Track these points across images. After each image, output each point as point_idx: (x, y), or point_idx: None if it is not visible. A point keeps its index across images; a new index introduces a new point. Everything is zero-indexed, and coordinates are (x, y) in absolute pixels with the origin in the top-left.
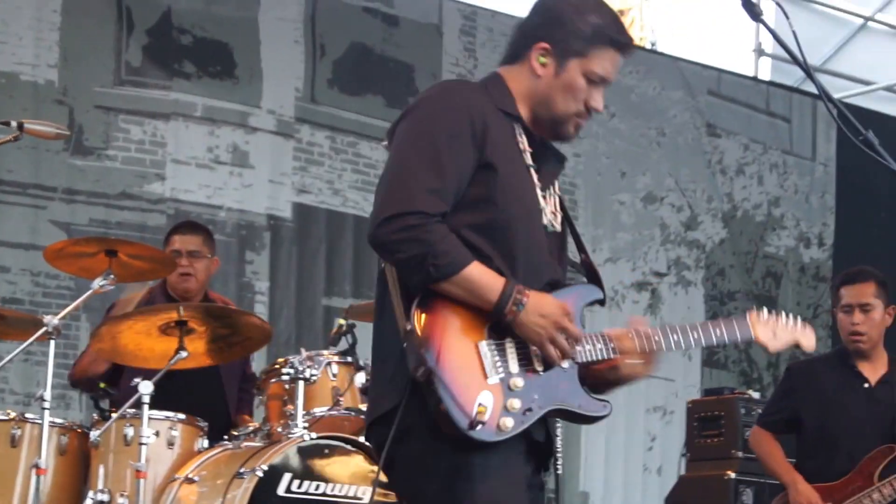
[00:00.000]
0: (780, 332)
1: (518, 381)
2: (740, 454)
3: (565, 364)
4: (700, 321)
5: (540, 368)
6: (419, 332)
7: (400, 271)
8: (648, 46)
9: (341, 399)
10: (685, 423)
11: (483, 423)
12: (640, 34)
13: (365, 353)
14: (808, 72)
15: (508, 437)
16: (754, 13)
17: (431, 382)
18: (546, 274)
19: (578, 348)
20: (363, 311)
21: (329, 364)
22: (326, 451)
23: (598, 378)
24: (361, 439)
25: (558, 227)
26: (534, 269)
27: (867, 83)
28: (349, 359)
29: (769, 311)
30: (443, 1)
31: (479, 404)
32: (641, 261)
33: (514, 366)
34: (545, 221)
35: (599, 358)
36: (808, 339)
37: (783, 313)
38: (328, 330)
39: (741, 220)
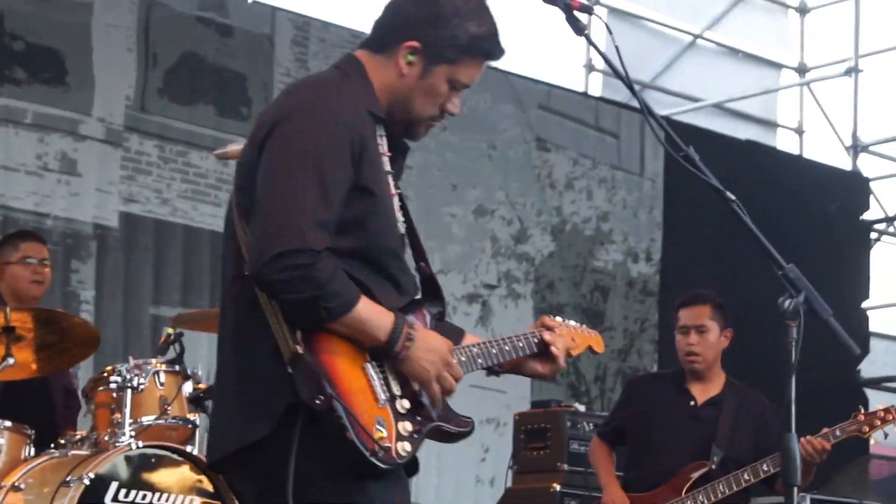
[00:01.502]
0: (577, 338)
1: (405, 403)
2: (566, 467)
3: None
4: (505, 336)
5: (416, 388)
6: (310, 357)
7: (289, 313)
8: None
9: (169, 408)
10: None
11: (387, 449)
12: None
13: (193, 362)
14: (631, 87)
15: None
16: (578, 28)
17: (333, 410)
18: (414, 290)
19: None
20: (191, 320)
21: (157, 373)
22: (153, 460)
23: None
24: (189, 449)
25: (402, 230)
26: (407, 288)
27: (696, 100)
28: (177, 368)
29: (562, 319)
30: (276, 11)
31: (377, 430)
32: (472, 273)
33: (395, 387)
34: (401, 231)
35: (485, 366)
36: (598, 344)
37: (571, 322)
38: (156, 339)
39: (570, 234)
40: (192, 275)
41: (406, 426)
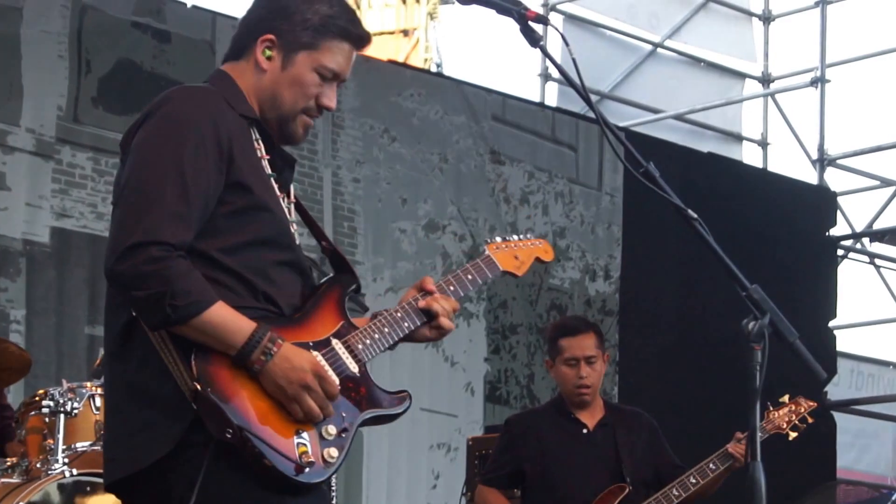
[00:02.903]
0: (520, 254)
1: None
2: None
3: (354, 368)
4: (453, 273)
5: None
6: (212, 392)
7: (137, 311)
8: (434, 69)
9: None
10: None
11: (311, 464)
12: (424, 55)
13: None
14: (588, 100)
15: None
16: (533, 39)
17: (246, 440)
18: (302, 287)
19: (360, 346)
20: None
21: (92, 396)
22: (88, 488)
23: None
24: None
25: (297, 240)
26: (291, 284)
27: (656, 111)
28: None
29: (502, 238)
30: (216, 16)
31: (299, 444)
32: None
33: None
34: (294, 229)
35: (387, 346)
36: (546, 252)
37: (515, 236)
38: (92, 360)
39: None
40: None
41: (329, 429)
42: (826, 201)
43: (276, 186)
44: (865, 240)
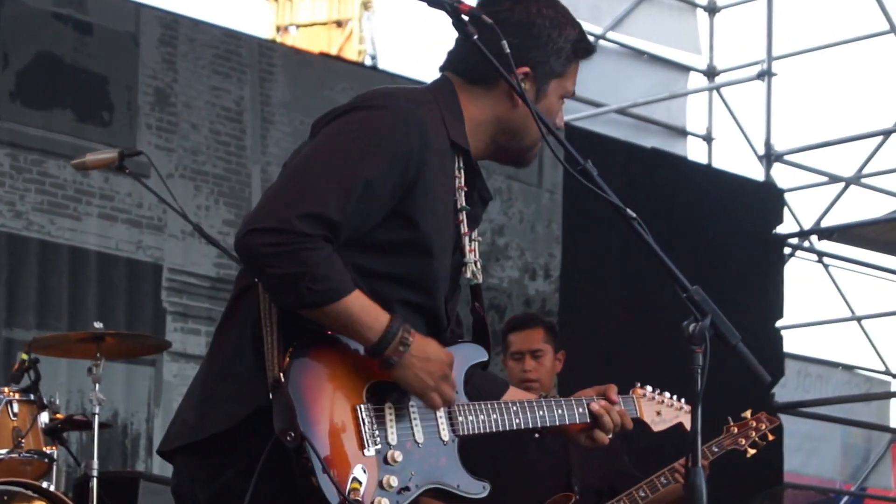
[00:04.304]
0: (664, 411)
1: (397, 455)
2: None
3: (446, 437)
4: (580, 396)
5: (420, 440)
6: (292, 389)
7: (268, 290)
8: (368, 61)
9: (23, 441)
10: None
11: (358, 503)
12: (358, 47)
13: (50, 391)
14: (523, 95)
15: None
16: (466, 33)
17: (303, 450)
18: (426, 333)
19: (461, 418)
20: (48, 345)
21: (10, 402)
22: (6, 497)
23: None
24: (45, 484)
25: (480, 278)
26: (412, 325)
27: (597, 105)
28: (32, 396)
29: (653, 389)
30: (140, 8)
31: (354, 479)
32: None
33: (392, 436)
34: (468, 274)
35: (497, 429)
36: (689, 421)
37: (667, 393)
38: (9, 365)
39: None
40: (50, 295)
41: (391, 480)
42: (773, 198)
43: (464, 221)
44: (813, 238)
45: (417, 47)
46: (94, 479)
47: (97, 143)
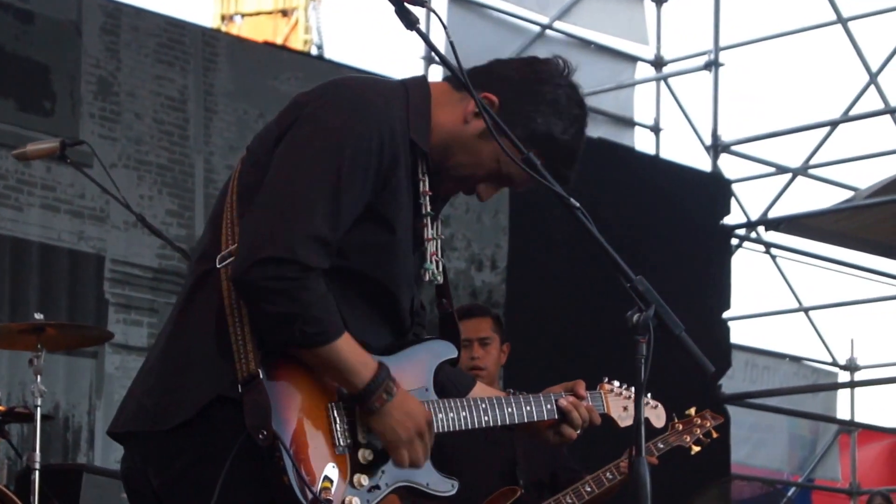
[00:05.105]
0: (631, 406)
1: (367, 454)
2: None
3: None
4: (548, 392)
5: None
6: (268, 385)
7: (261, 323)
8: (314, 51)
9: None
10: None
11: (329, 502)
12: (304, 37)
13: None
14: (467, 86)
15: None
16: (409, 21)
17: (275, 449)
18: (383, 326)
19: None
20: None
21: None
22: None
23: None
24: None
25: (440, 279)
26: (399, 329)
27: None
28: None
29: (620, 384)
30: None
31: (325, 478)
32: None
33: (361, 435)
34: (426, 278)
35: (467, 427)
36: (658, 418)
37: (633, 388)
38: None
39: None
40: None
41: (361, 479)
42: (720, 189)
43: (428, 226)
44: (760, 228)
45: (363, 37)
46: (37, 472)
47: (39, 132)
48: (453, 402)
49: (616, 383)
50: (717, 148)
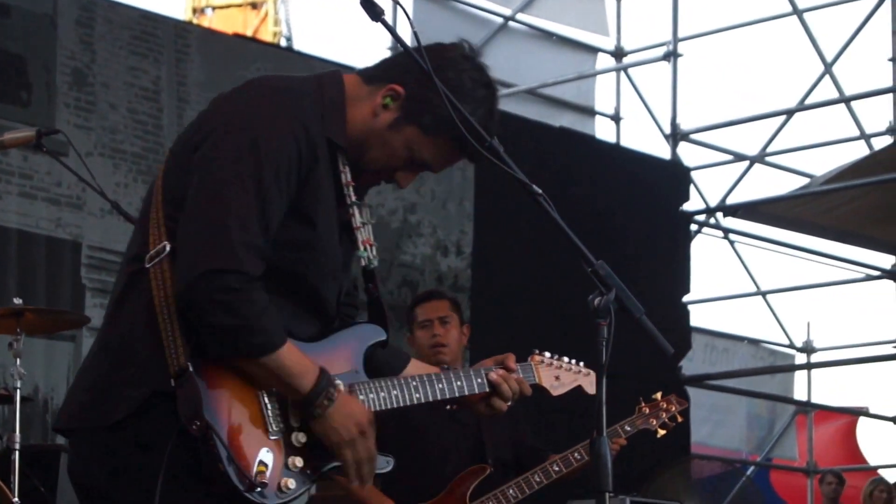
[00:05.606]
0: (562, 375)
1: (300, 437)
2: None
3: None
4: (479, 366)
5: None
6: (198, 377)
7: (207, 336)
8: (283, 43)
9: None
10: None
11: (264, 485)
12: (273, 29)
13: None
14: (431, 75)
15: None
16: (374, 13)
17: (209, 438)
18: (312, 315)
19: (362, 397)
20: None
21: None
22: None
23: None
24: None
25: (375, 263)
26: (325, 319)
27: (508, 85)
28: None
29: (551, 355)
30: None
31: (260, 462)
32: None
33: (294, 419)
34: (363, 263)
35: (397, 405)
36: (589, 384)
37: (565, 357)
38: None
39: (375, 227)
40: None
41: (296, 461)
42: (679, 176)
43: (356, 215)
44: (719, 214)
45: (332, 29)
46: (17, 453)
47: (16, 122)
48: (384, 382)
49: (547, 354)
50: (676, 136)
